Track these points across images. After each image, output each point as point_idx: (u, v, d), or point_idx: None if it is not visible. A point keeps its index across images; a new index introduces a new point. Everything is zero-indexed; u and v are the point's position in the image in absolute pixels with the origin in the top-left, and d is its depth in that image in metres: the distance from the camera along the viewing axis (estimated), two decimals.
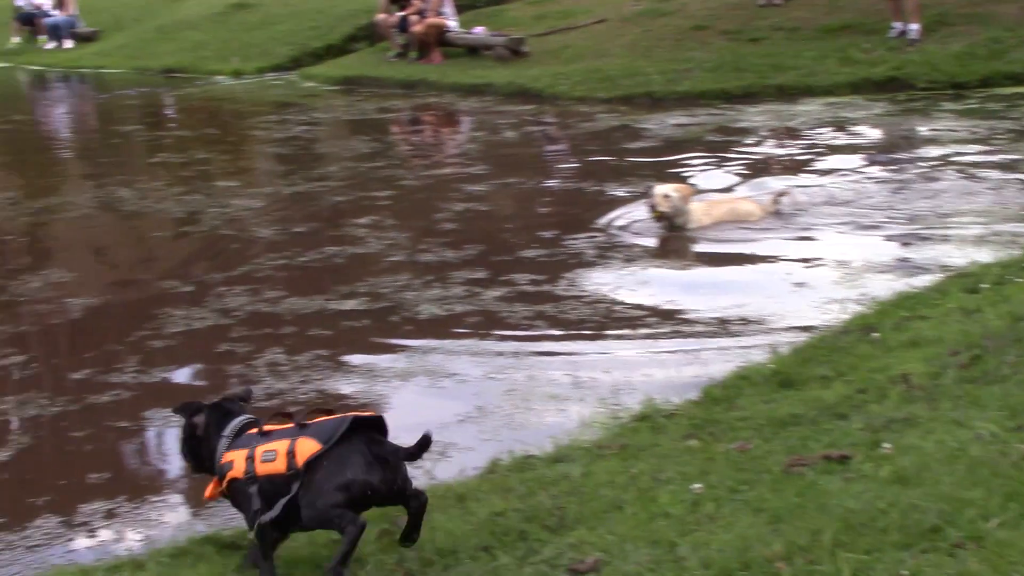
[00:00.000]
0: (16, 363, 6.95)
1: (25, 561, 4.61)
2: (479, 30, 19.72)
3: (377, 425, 3.84)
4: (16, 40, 26.89)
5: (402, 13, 20.04)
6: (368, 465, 3.68)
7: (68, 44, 26.21)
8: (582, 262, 8.43)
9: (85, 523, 4.91)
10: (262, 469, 3.75)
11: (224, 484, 3.87)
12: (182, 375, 6.72)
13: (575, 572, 3.53)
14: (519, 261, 8.53)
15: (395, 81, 18.81)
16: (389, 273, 8.28)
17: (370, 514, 4.45)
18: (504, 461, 4.99)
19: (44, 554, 4.67)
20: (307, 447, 3.68)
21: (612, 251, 8.67)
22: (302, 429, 3.76)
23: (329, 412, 3.90)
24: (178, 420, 4.16)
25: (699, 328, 6.92)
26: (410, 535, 3.84)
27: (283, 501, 3.65)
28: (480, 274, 8.15)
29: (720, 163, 11.62)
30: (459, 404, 5.98)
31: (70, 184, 13.14)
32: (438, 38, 19.60)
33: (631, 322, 7.09)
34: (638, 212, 9.46)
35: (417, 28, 19.59)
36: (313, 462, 3.66)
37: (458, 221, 9.82)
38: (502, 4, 22.21)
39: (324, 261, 8.75)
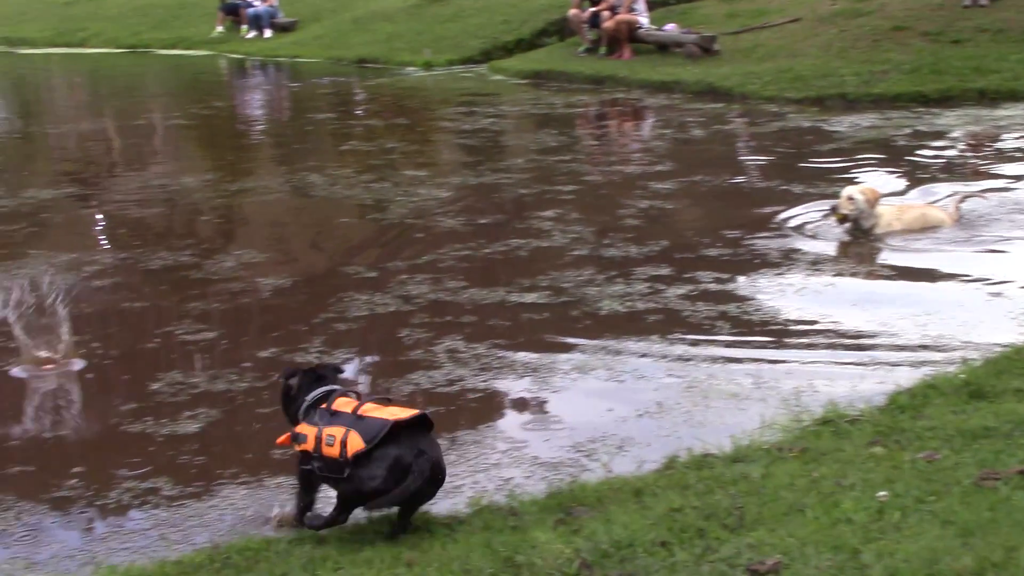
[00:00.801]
0: (207, 339, 7.16)
1: (213, 529, 4.73)
2: (670, 27, 19.58)
3: (422, 421, 4.27)
4: (220, 29, 27.80)
5: (594, 9, 20.02)
6: (395, 473, 4.12)
7: (268, 34, 26.98)
8: (766, 263, 8.28)
9: (270, 496, 5.01)
10: (325, 451, 4.24)
11: (296, 449, 4.40)
12: (364, 357, 6.82)
13: (754, 573, 3.45)
14: (703, 259, 8.42)
15: (583, 76, 18.81)
16: (572, 267, 8.27)
17: (546, 504, 4.47)
18: (682, 458, 4.94)
19: (231, 524, 4.78)
20: (355, 442, 4.15)
21: (796, 253, 8.49)
22: (358, 420, 4.20)
23: (389, 402, 4.43)
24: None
25: (884, 337, 6.70)
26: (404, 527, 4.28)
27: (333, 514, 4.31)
28: (663, 271, 8.08)
29: (906, 167, 11.29)
30: (638, 399, 5.93)
31: (264, 168, 13.51)
32: (629, 34, 19.53)
33: (814, 325, 6.93)
34: (824, 215, 9.25)
35: (608, 24, 19.55)
36: (358, 458, 4.13)
37: (642, 218, 9.75)
38: (694, 1, 22.01)
39: (507, 253, 8.78)
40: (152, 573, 4.09)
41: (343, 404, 4.35)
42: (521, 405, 6.01)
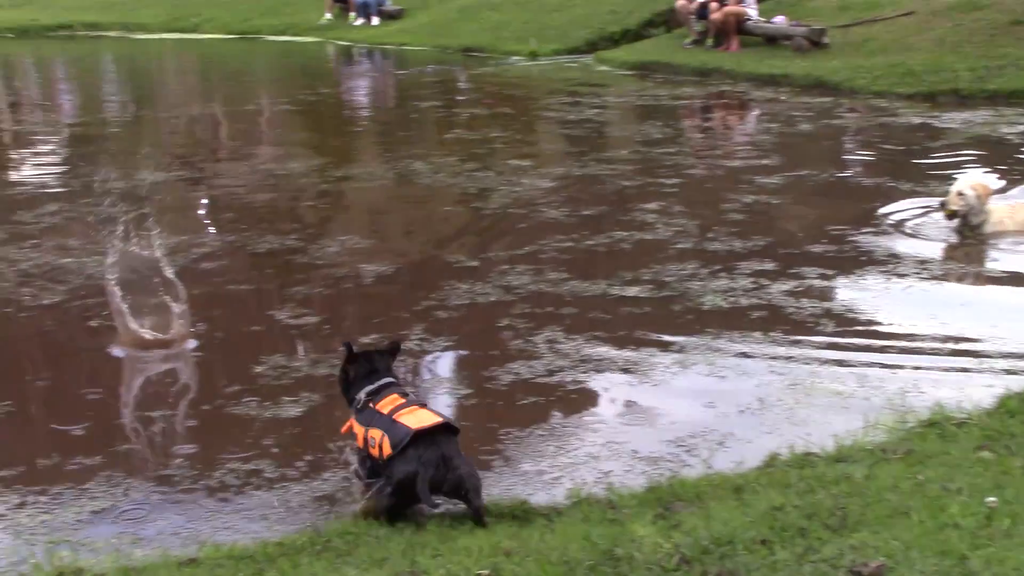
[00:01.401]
0: (311, 323, 7.24)
1: (314, 512, 4.79)
2: (779, 19, 19.37)
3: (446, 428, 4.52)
4: (328, 16, 28.10)
5: (703, 1, 19.86)
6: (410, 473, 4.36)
7: (375, 21, 27.21)
8: (872, 260, 8.16)
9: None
10: (371, 451, 4.61)
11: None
12: (463, 346, 6.85)
13: (857, 575, 3.40)
14: (807, 255, 8.32)
15: (689, 68, 18.69)
16: (675, 261, 8.22)
17: (645, 498, 4.46)
18: (783, 456, 4.89)
19: (331, 507, 4.83)
20: (387, 447, 4.47)
21: (902, 251, 8.35)
22: (392, 425, 4.50)
23: (423, 406, 4.66)
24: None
25: (992, 341, 6.53)
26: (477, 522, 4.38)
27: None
28: (768, 266, 8.00)
29: (1020, 167, 11.03)
30: (739, 396, 5.88)
31: (369, 155, 13.63)
32: (737, 26, 19.35)
33: (919, 326, 6.79)
34: (931, 211, 9.09)
35: (716, 15, 19.39)
36: (390, 459, 4.44)
37: (747, 212, 9.65)
38: None
39: (610, 245, 8.75)
40: (255, 553, 4.14)
41: (386, 404, 4.64)
42: (621, 398, 5.98)
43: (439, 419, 4.51)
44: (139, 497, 5.02)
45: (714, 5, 19.52)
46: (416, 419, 4.49)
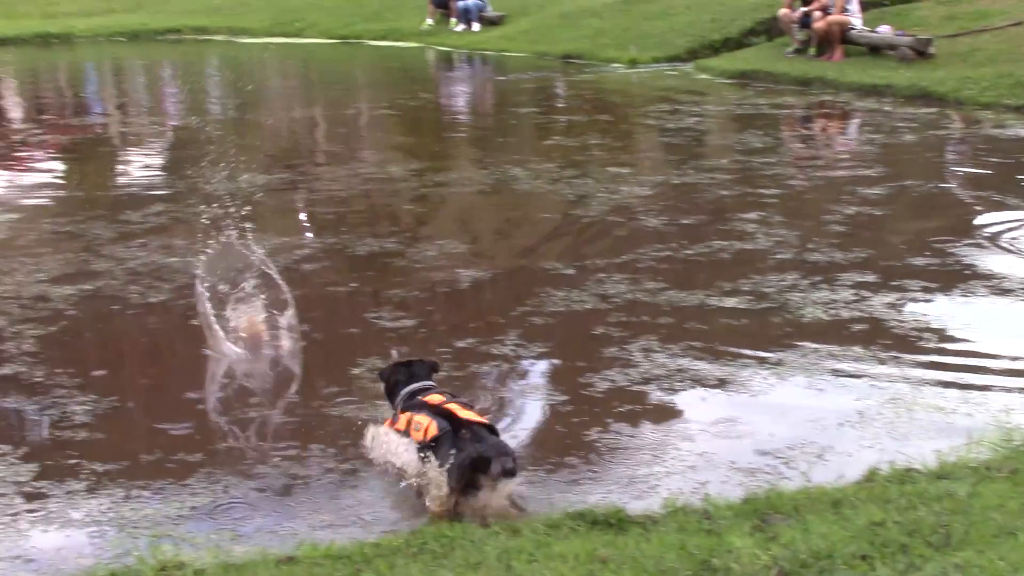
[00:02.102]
0: (407, 326, 7.29)
1: (409, 514, 4.82)
2: (884, 29, 19.07)
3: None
4: (429, 22, 28.26)
5: (805, 9, 19.65)
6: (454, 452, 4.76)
7: (476, 27, 27.32)
8: (976, 275, 8.02)
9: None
10: (412, 435, 4.99)
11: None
12: (558, 353, 6.84)
13: None
14: (910, 268, 8.20)
15: (791, 77, 18.48)
16: (774, 272, 8.14)
17: (741, 509, 4.42)
18: (883, 471, 4.83)
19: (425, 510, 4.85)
20: (432, 430, 4.88)
21: (1008, 267, 8.18)
22: (436, 415, 4.96)
23: (466, 405, 5.12)
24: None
25: None
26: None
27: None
28: (869, 278, 7.89)
29: None
30: (839, 408, 5.81)
31: (468, 160, 13.69)
32: (840, 36, 19.10)
33: None
34: None
35: (819, 24, 19.17)
36: (436, 440, 4.83)
37: (848, 223, 9.53)
38: (911, 3, 21.37)
39: (708, 255, 8.70)
40: (351, 553, 4.19)
41: (433, 398, 5.16)
42: (717, 409, 5.94)
43: (478, 416, 5.01)
44: (238, 494, 5.10)
45: (817, 14, 19.29)
46: (460, 411, 4.97)
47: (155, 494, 5.09)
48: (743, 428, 5.67)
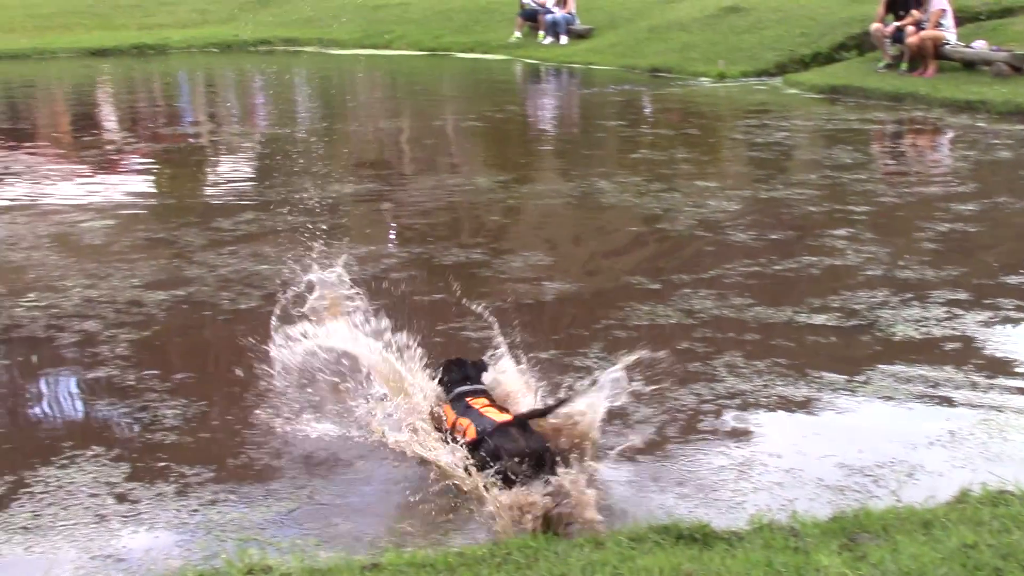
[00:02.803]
0: (490, 336, 7.29)
1: (492, 523, 4.83)
2: (979, 44, 18.78)
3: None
4: (517, 35, 28.36)
5: (898, 24, 19.43)
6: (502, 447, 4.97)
7: (563, 40, 27.35)
8: None
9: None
10: (456, 433, 5.28)
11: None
12: (641, 366, 6.79)
13: None
14: (1004, 286, 8.06)
15: (882, 93, 18.26)
16: (865, 288, 8.04)
17: (829, 527, 4.36)
18: (975, 492, 4.72)
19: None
20: (471, 432, 5.17)
21: None
22: (479, 418, 5.26)
23: (504, 410, 5.43)
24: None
25: None
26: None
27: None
28: (962, 296, 7.76)
29: None
30: (929, 427, 5.72)
31: (554, 172, 13.69)
32: (934, 51, 18.84)
33: None
34: None
35: (913, 39, 18.93)
36: (474, 443, 5.09)
37: (941, 240, 9.39)
38: (1006, 17, 21.01)
39: (797, 271, 8.61)
40: (435, 561, 4.19)
41: (476, 402, 5.45)
42: (805, 425, 5.88)
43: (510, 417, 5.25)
44: (323, 500, 5.14)
45: (911, 28, 19.05)
46: (497, 415, 5.27)
47: (241, 498, 5.15)
48: (831, 445, 5.59)
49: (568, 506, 4.78)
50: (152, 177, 14.05)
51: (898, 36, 19.41)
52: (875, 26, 20.09)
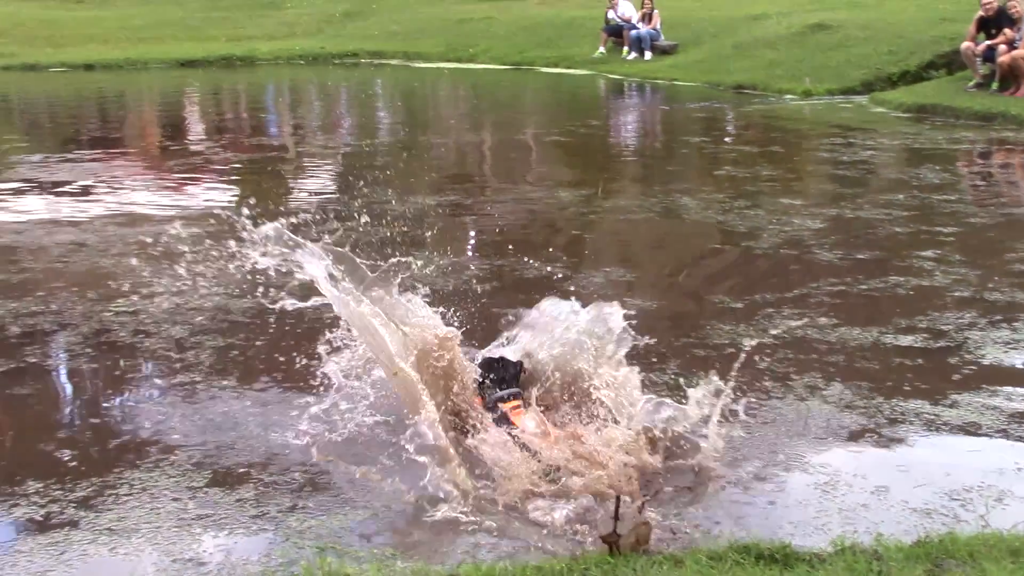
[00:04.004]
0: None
1: (571, 534, 4.80)
2: None
3: None
4: (602, 50, 28.40)
5: (990, 43, 19.14)
6: None
7: (647, 56, 27.33)
8: None
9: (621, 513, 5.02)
10: None
11: None
12: (719, 384, 6.73)
13: None
14: None
15: (971, 112, 18.00)
16: (952, 309, 7.90)
17: (913, 552, 4.28)
18: None
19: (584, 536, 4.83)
20: None
21: None
22: (510, 427, 5.58)
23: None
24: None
25: None
26: None
27: None
28: None
29: None
30: (1019, 452, 5.59)
31: (637, 188, 13.65)
32: None
33: None
34: None
35: (1004, 58, 18.64)
36: None
37: None
38: None
39: (883, 292, 8.48)
40: (513, 573, 4.18)
41: (507, 406, 5.76)
42: (891, 447, 5.77)
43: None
44: (399, 509, 5.14)
45: (1003, 47, 18.77)
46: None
47: (319, 506, 5.17)
48: (917, 468, 5.49)
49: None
50: (237, 187, 14.22)
51: (989, 55, 19.14)
52: (966, 44, 19.82)
